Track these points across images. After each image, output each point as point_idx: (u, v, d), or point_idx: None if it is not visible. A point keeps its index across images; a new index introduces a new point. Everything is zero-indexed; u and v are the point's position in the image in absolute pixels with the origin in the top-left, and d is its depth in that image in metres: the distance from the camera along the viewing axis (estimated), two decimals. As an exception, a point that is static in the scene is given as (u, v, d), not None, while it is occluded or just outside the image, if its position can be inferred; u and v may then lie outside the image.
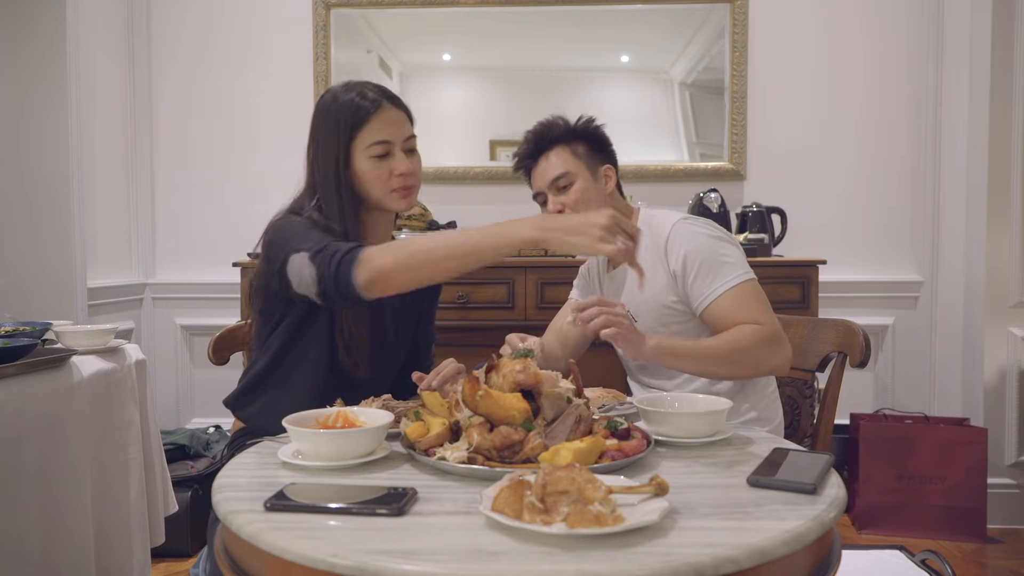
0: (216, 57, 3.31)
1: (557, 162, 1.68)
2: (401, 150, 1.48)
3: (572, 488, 0.81)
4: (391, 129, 1.47)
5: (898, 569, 1.59)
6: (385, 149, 1.46)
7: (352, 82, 1.51)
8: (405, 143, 1.49)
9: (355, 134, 1.45)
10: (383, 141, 1.45)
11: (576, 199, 1.67)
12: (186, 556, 2.56)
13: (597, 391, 1.39)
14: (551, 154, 1.69)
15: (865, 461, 2.80)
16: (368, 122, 1.45)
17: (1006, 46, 2.85)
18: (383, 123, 1.46)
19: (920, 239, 3.23)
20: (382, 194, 1.48)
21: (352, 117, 1.45)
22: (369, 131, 1.45)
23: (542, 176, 1.70)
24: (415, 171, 1.50)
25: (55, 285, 2.78)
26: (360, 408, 1.21)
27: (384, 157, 1.46)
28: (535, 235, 1.21)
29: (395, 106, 1.49)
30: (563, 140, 1.70)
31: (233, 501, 0.92)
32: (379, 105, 1.46)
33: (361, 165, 1.46)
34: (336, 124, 1.46)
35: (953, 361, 3.14)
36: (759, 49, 3.22)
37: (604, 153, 1.73)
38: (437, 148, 3.32)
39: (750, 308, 1.55)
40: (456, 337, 2.70)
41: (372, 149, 1.45)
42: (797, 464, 1.03)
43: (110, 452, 1.82)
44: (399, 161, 1.47)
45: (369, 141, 1.45)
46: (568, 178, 1.67)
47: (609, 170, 1.72)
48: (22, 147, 2.77)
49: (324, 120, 1.48)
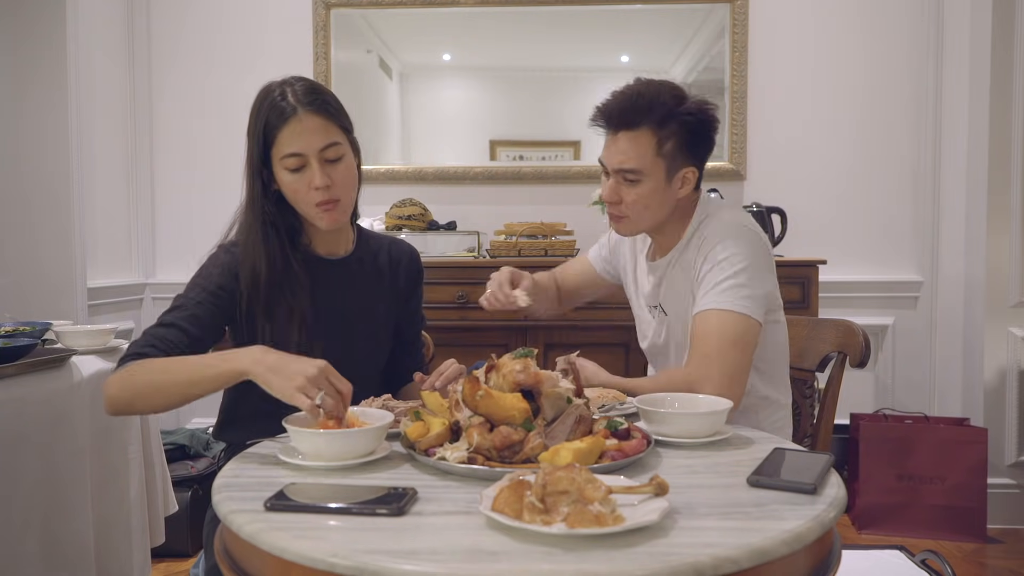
0: (216, 57, 3.31)
1: (635, 152, 1.48)
2: (318, 162, 1.36)
3: (572, 488, 0.81)
4: (303, 139, 1.35)
5: (898, 569, 1.59)
6: (299, 162, 1.36)
7: (289, 78, 1.41)
8: (323, 153, 1.36)
9: (271, 143, 1.37)
10: (295, 154, 1.35)
11: (635, 201, 1.51)
12: (186, 556, 2.56)
13: (597, 391, 1.39)
14: (634, 136, 1.48)
15: (865, 461, 2.80)
16: (282, 131, 1.35)
17: (1006, 46, 2.85)
18: (294, 133, 1.35)
19: (920, 239, 3.23)
20: (306, 209, 1.40)
21: (267, 124, 1.37)
22: (282, 141, 1.36)
23: (614, 155, 1.50)
24: (336, 183, 1.37)
25: (55, 285, 2.78)
26: (360, 408, 1.21)
27: (300, 170, 1.37)
28: (246, 367, 1.17)
29: (314, 112, 1.36)
30: (657, 124, 1.47)
31: (233, 501, 0.92)
32: (294, 113, 1.35)
33: (280, 176, 1.39)
34: (255, 130, 1.39)
35: (953, 361, 3.14)
36: (759, 49, 3.22)
37: (695, 150, 1.52)
38: (437, 148, 3.33)
39: (710, 342, 1.42)
40: (456, 337, 2.71)
41: (286, 161, 1.36)
42: (797, 464, 1.03)
43: (110, 452, 1.82)
44: (314, 173, 1.35)
45: (283, 153, 1.36)
46: (637, 175, 1.49)
47: (690, 173, 1.53)
48: (22, 147, 2.77)
49: (250, 122, 1.41)
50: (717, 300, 1.45)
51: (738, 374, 1.43)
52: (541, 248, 2.87)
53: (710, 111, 1.53)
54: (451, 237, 3.05)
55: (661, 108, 1.47)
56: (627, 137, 1.49)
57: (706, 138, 1.53)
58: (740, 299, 1.44)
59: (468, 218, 3.14)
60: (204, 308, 1.36)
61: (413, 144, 3.34)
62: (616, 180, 1.52)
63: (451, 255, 2.97)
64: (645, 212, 1.53)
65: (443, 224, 3.06)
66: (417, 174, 3.29)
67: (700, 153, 1.54)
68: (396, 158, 3.32)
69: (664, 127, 1.48)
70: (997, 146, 2.86)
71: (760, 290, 1.47)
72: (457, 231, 3.03)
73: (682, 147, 1.50)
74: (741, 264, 1.46)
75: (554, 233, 2.91)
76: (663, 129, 1.48)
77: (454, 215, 3.12)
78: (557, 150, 3.26)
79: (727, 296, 1.44)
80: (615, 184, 1.52)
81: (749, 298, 1.45)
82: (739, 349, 1.42)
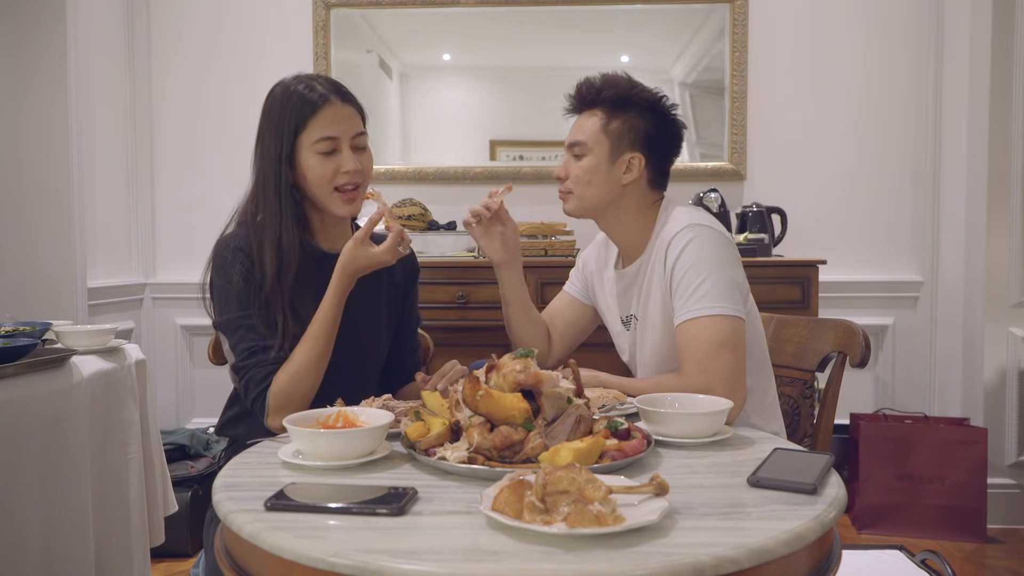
0: (216, 57, 3.31)
1: (585, 128, 1.56)
2: (349, 147, 1.42)
3: (572, 488, 0.81)
4: (339, 125, 1.41)
5: (898, 569, 1.59)
6: (332, 146, 1.41)
7: (303, 75, 1.46)
8: (354, 140, 1.43)
9: (301, 129, 1.41)
10: (330, 137, 1.41)
11: (578, 176, 1.56)
12: (186, 556, 2.56)
13: (597, 391, 1.39)
14: (589, 115, 1.57)
15: (865, 461, 2.80)
16: (315, 116, 1.40)
17: (1006, 46, 2.85)
18: (331, 118, 1.41)
19: (920, 239, 3.23)
20: (325, 195, 1.43)
21: (299, 112, 1.40)
22: (316, 126, 1.40)
23: (570, 134, 1.59)
24: (363, 169, 1.45)
25: (55, 285, 2.78)
26: (360, 408, 1.21)
27: (331, 154, 1.41)
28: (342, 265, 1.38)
29: (345, 101, 1.43)
30: (607, 105, 1.56)
31: (233, 501, 0.92)
32: (328, 100, 1.41)
33: (306, 162, 1.42)
34: (282, 118, 1.41)
35: (953, 361, 3.14)
36: (759, 49, 3.22)
37: (646, 140, 1.55)
38: (437, 148, 3.33)
39: (699, 348, 1.42)
40: (456, 337, 2.71)
41: (318, 145, 1.40)
42: (797, 464, 1.03)
43: (110, 452, 1.82)
44: (346, 158, 1.42)
45: (315, 137, 1.40)
46: (583, 149, 1.55)
47: (635, 159, 1.54)
48: (22, 147, 2.77)
49: (270, 113, 1.44)
50: (696, 308, 1.44)
51: (736, 375, 1.43)
52: (541, 248, 2.87)
53: (666, 106, 1.57)
54: (451, 237, 3.05)
55: (615, 90, 1.55)
56: (584, 115, 1.58)
57: (660, 132, 1.57)
58: (717, 300, 1.44)
59: (468, 218, 3.14)
60: (264, 317, 1.40)
61: (413, 144, 3.35)
62: (567, 156, 1.59)
63: (451, 255, 2.96)
64: (588, 189, 1.56)
65: (443, 224, 3.06)
66: (417, 174, 3.29)
67: (652, 146, 1.57)
68: (396, 158, 3.32)
69: (616, 109, 1.55)
70: (997, 146, 2.86)
71: (732, 285, 1.47)
72: (457, 231, 3.03)
73: (630, 131, 1.55)
74: (707, 265, 1.46)
75: (554, 233, 2.91)
76: (614, 110, 1.55)
77: (454, 215, 3.12)
78: (557, 150, 3.26)
79: (705, 302, 1.44)
80: (566, 160, 1.60)
81: (724, 297, 1.45)
82: (729, 349, 1.42)
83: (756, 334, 1.61)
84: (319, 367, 1.38)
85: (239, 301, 1.40)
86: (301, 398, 1.36)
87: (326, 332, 1.38)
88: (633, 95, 1.55)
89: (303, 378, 1.36)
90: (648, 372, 1.63)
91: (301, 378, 1.36)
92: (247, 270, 1.40)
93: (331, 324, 1.38)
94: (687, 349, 1.45)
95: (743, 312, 1.48)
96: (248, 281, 1.40)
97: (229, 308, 1.40)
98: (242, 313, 1.39)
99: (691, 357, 1.44)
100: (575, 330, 1.78)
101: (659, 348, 1.57)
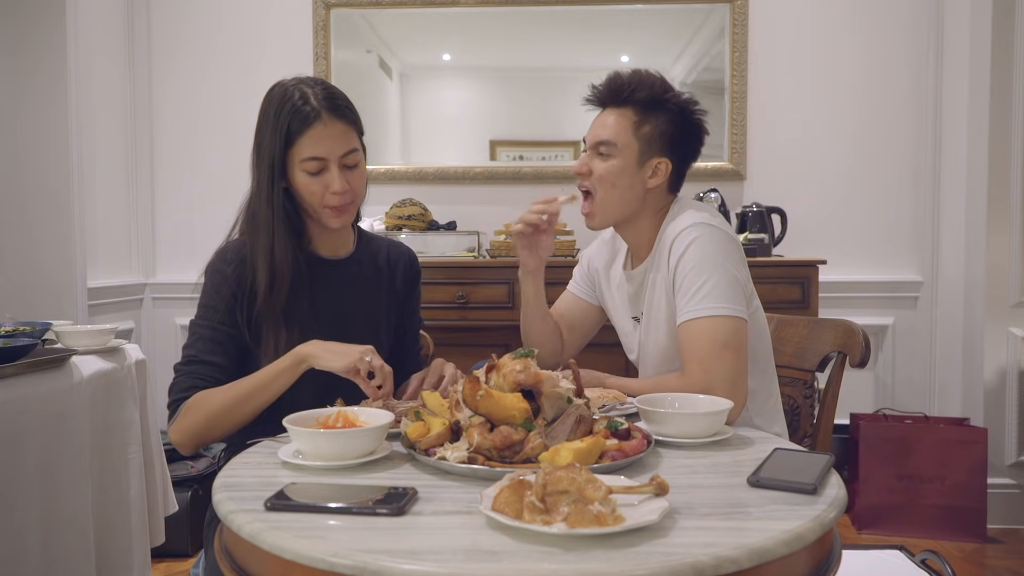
0: (216, 57, 3.31)
1: (615, 126, 1.52)
2: (338, 167, 1.39)
3: (572, 488, 0.81)
4: (327, 144, 1.37)
5: (898, 569, 1.59)
6: (320, 166, 1.38)
7: (302, 79, 1.42)
8: (343, 159, 1.39)
9: (291, 144, 1.38)
10: (317, 158, 1.37)
11: (602, 176, 1.53)
12: (186, 556, 2.56)
13: (597, 391, 1.39)
14: (619, 112, 1.53)
15: (865, 461, 2.80)
16: (304, 134, 1.37)
17: (1006, 46, 2.85)
18: (319, 137, 1.37)
19: (920, 239, 3.23)
20: (316, 209, 1.42)
21: (288, 127, 1.37)
22: (304, 145, 1.37)
23: (595, 129, 1.55)
24: (353, 188, 1.41)
25: (55, 285, 2.78)
26: (360, 408, 1.21)
27: (319, 174, 1.39)
28: (307, 352, 1.31)
29: (337, 117, 1.38)
30: (642, 106, 1.52)
31: (233, 501, 0.92)
32: (319, 117, 1.36)
33: (296, 177, 1.40)
34: (276, 126, 1.39)
35: (953, 361, 3.14)
36: (759, 49, 3.22)
37: (673, 145, 1.54)
38: (437, 148, 3.33)
39: (701, 349, 1.41)
40: (456, 337, 2.71)
41: (306, 164, 1.38)
42: (797, 464, 1.03)
43: (110, 452, 1.82)
44: (333, 178, 1.38)
45: (304, 156, 1.37)
46: (610, 149, 1.52)
47: (662, 164, 1.53)
48: (22, 147, 2.77)
49: (266, 116, 1.41)
50: (698, 308, 1.44)
51: (738, 376, 1.42)
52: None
53: (696, 112, 1.56)
54: (451, 237, 3.05)
55: (649, 91, 1.52)
56: (612, 113, 1.54)
57: (688, 137, 1.55)
58: (719, 301, 1.43)
59: (468, 218, 3.14)
60: (221, 333, 1.41)
61: (413, 144, 3.35)
62: (591, 153, 1.56)
63: (451, 255, 2.97)
64: (612, 191, 1.53)
65: (443, 224, 3.06)
66: (417, 174, 3.29)
67: (678, 151, 1.55)
68: (396, 158, 3.32)
69: (648, 111, 1.52)
70: (997, 146, 2.86)
71: (735, 285, 1.46)
72: (457, 231, 3.03)
73: (660, 135, 1.53)
74: (711, 265, 1.45)
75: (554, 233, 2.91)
76: (646, 112, 1.52)
77: (454, 215, 3.13)
78: (557, 150, 3.27)
79: (707, 302, 1.43)
80: (588, 156, 1.56)
81: (727, 297, 1.44)
82: (731, 350, 1.42)
83: (761, 336, 1.61)
84: (231, 420, 1.33)
85: (206, 309, 1.42)
86: (204, 427, 1.33)
87: (250, 394, 1.32)
88: (667, 98, 1.53)
89: (216, 415, 1.33)
90: (653, 371, 1.63)
91: (212, 419, 1.33)
92: (234, 284, 1.41)
93: (262, 390, 1.32)
94: (689, 349, 1.44)
95: (746, 313, 1.47)
96: (222, 294, 1.41)
97: (197, 311, 1.44)
98: (203, 322, 1.42)
99: (693, 357, 1.43)
100: (583, 329, 1.78)
101: (664, 347, 1.57)
